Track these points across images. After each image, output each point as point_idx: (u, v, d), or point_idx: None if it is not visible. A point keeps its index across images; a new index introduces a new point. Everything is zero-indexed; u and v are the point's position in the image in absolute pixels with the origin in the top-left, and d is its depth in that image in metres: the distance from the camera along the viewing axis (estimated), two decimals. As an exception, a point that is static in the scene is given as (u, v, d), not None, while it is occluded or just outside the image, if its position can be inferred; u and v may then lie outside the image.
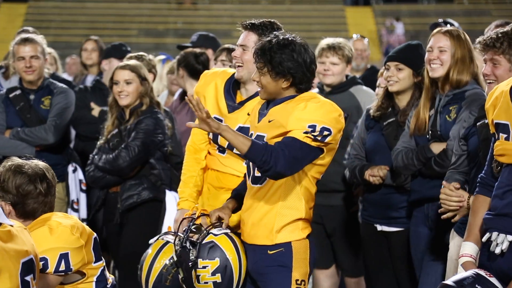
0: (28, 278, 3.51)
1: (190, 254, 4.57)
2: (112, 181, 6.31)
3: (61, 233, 4.02)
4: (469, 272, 3.95)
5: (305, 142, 4.34)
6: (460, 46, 5.24)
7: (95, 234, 4.23)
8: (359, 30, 26.41)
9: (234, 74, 4.95)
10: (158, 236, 4.93)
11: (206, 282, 4.56)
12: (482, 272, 3.95)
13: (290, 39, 4.45)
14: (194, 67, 6.84)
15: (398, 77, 5.63)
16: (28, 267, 3.52)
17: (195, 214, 4.79)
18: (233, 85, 4.95)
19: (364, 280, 6.30)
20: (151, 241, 5.21)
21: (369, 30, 30.57)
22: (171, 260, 4.68)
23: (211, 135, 4.95)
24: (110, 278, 4.31)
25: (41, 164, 4.18)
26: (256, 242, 4.54)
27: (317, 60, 6.35)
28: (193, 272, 4.54)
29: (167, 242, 4.76)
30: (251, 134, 4.56)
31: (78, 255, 4.05)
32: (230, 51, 6.17)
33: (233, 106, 4.92)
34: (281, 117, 4.41)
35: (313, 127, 4.32)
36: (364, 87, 6.53)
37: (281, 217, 4.47)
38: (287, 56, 4.41)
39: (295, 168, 4.38)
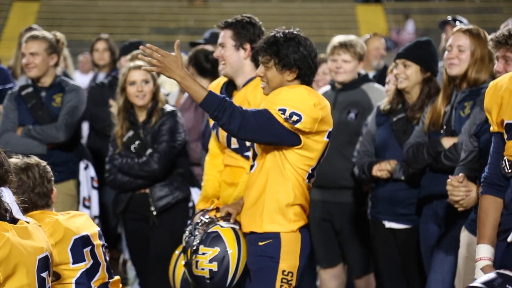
0: (44, 274, 3.52)
1: (194, 240, 4.70)
2: (141, 184, 6.28)
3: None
4: (493, 274, 3.83)
5: (274, 117, 4.45)
6: (479, 45, 5.24)
7: (78, 235, 4.12)
8: (370, 28, 26.36)
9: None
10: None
11: (203, 269, 4.69)
12: (507, 272, 3.84)
13: (294, 32, 4.58)
14: (203, 65, 6.85)
15: (405, 74, 5.66)
16: (44, 263, 3.52)
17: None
18: (229, 86, 5.14)
19: (373, 277, 6.30)
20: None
21: (380, 28, 30.49)
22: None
23: (221, 140, 5.10)
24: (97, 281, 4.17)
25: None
26: (247, 230, 4.64)
27: (329, 58, 6.40)
28: (194, 257, 4.67)
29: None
30: None
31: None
32: None
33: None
34: (264, 102, 4.54)
35: (283, 110, 4.43)
36: (376, 85, 6.53)
37: (268, 203, 4.56)
38: (293, 48, 4.52)
39: (255, 135, 4.46)
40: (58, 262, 4.03)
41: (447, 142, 5.26)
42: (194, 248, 4.70)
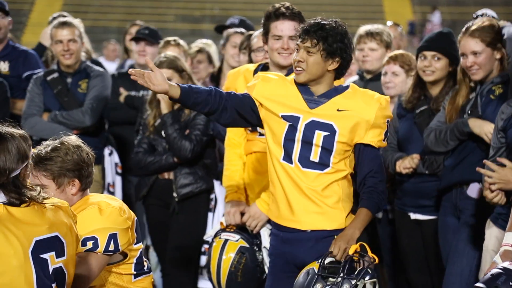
0: (45, 255, 3.52)
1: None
2: (165, 166, 6.27)
3: (110, 214, 4.06)
4: (498, 270, 3.75)
5: (379, 151, 4.50)
6: (492, 41, 5.13)
7: (135, 216, 4.27)
8: (396, 18, 26.21)
9: (259, 65, 5.04)
10: (214, 234, 4.99)
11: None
12: (509, 266, 3.76)
13: (340, 22, 4.45)
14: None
15: (435, 67, 5.60)
16: (47, 245, 3.53)
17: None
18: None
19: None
20: (206, 237, 5.28)
21: (406, 19, 30.35)
22: (237, 256, 4.85)
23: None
24: (145, 260, 4.35)
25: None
26: (321, 228, 4.47)
27: (356, 47, 6.36)
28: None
29: (226, 240, 4.88)
30: (296, 117, 4.43)
31: (125, 236, 4.10)
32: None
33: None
34: (361, 109, 4.39)
35: (388, 122, 4.45)
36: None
37: (345, 203, 4.48)
38: (340, 37, 4.38)
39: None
40: (130, 243, 4.15)
41: (473, 123, 5.17)
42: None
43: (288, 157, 4.43)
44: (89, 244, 4.00)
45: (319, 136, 4.40)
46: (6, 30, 7.16)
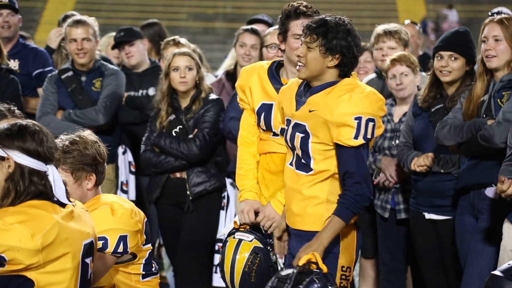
0: (88, 260, 3.54)
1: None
2: (175, 166, 6.29)
3: (122, 215, 4.07)
4: None
5: (359, 151, 4.34)
6: None
7: (146, 218, 4.28)
8: (410, 17, 26.14)
9: (273, 62, 4.99)
10: (227, 233, 4.98)
11: None
12: None
13: (346, 20, 4.41)
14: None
15: (452, 66, 5.56)
16: (89, 249, 3.55)
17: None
18: (275, 71, 4.98)
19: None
20: (220, 235, 5.24)
21: (420, 17, 30.26)
22: (251, 256, 4.82)
23: (262, 123, 4.96)
24: (154, 262, 4.38)
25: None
26: (303, 228, 4.52)
27: (374, 48, 6.36)
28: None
29: (241, 240, 4.86)
30: (288, 120, 4.51)
31: (135, 238, 4.11)
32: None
33: (279, 88, 4.92)
34: (324, 109, 4.34)
35: (359, 119, 4.27)
36: (424, 73, 6.49)
37: (330, 204, 4.44)
38: (342, 35, 4.34)
39: (370, 181, 4.45)
40: (139, 245, 4.17)
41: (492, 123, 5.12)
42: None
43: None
44: (99, 244, 4.00)
45: (297, 139, 4.44)
46: (16, 28, 7.17)
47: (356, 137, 4.29)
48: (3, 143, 3.40)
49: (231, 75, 7.22)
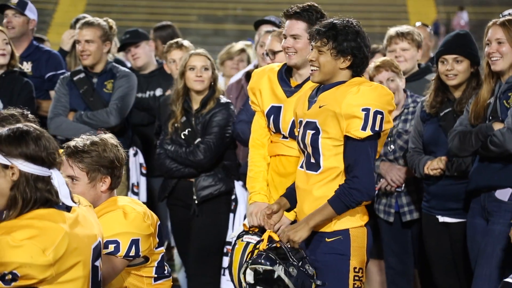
0: (97, 263, 3.52)
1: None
2: (188, 173, 6.33)
3: (135, 219, 4.08)
4: None
5: (363, 144, 4.34)
6: None
7: (159, 221, 4.29)
8: (421, 18, 26.13)
9: (284, 64, 5.02)
10: (236, 236, 4.99)
11: None
12: None
13: (354, 23, 4.48)
14: None
15: (457, 69, 5.56)
16: (97, 252, 3.53)
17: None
18: (285, 73, 5.02)
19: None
20: (229, 238, 5.22)
21: (431, 19, 30.23)
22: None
23: (271, 125, 4.99)
24: (165, 264, 4.38)
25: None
26: (314, 229, 4.51)
27: (387, 49, 6.37)
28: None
29: (248, 243, 4.86)
30: (300, 121, 4.56)
31: (147, 242, 4.11)
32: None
33: (290, 90, 4.97)
34: (333, 102, 4.39)
35: (367, 110, 4.31)
36: (426, 77, 6.49)
37: None
38: (351, 36, 4.42)
39: (372, 178, 4.45)
40: (151, 248, 4.17)
41: (498, 127, 5.14)
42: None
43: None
44: (111, 247, 4.01)
45: (308, 136, 4.48)
46: (21, 30, 7.18)
47: (364, 128, 4.32)
48: (5, 150, 3.33)
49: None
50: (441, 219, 5.68)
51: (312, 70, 4.51)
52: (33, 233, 3.24)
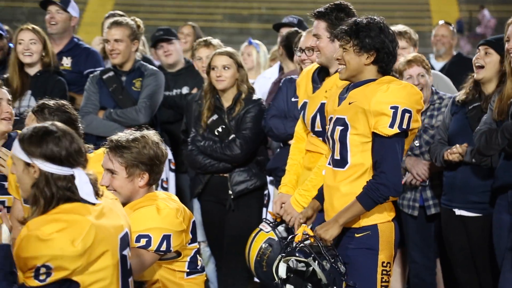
0: (125, 252, 3.57)
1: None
2: (221, 168, 6.42)
3: (167, 215, 4.15)
4: None
5: (390, 141, 4.39)
6: None
7: (194, 217, 4.36)
8: (443, 17, 26.09)
9: (319, 66, 5.19)
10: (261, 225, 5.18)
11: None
12: None
13: (377, 20, 4.53)
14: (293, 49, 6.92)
15: (484, 61, 5.56)
16: (125, 241, 3.57)
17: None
18: (319, 72, 5.18)
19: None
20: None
21: (453, 18, 30.13)
22: (263, 246, 4.98)
23: (306, 122, 5.17)
24: (200, 260, 4.44)
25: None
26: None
27: None
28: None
29: (260, 229, 5.04)
30: (330, 118, 4.64)
31: (178, 238, 4.18)
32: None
33: (316, 87, 5.15)
34: (363, 99, 4.44)
35: (395, 108, 4.35)
36: (439, 73, 6.60)
37: None
38: (374, 33, 4.47)
39: (399, 174, 4.49)
40: (183, 244, 4.25)
41: None
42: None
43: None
44: (143, 241, 4.09)
45: (337, 131, 4.53)
46: (64, 26, 7.28)
47: (391, 126, 4.36)
48: (27, 149, 3.39)
49: None
50: (458, 212, 5.70)
51: (340, 68, 4.60)
52: (61, 226, 3.32)
